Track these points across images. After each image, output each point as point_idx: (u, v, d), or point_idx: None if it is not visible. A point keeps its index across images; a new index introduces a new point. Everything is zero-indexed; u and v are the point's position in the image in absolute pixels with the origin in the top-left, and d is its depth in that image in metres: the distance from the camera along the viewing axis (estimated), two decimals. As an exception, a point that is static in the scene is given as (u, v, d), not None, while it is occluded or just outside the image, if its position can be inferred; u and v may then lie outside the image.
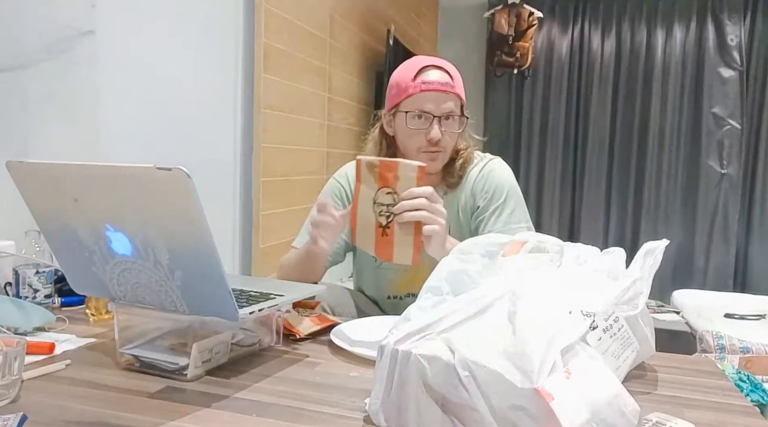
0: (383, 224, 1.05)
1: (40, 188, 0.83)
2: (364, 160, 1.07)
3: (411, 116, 1.25)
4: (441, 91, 1.24)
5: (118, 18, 1.52)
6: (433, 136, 1.24)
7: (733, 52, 3.84)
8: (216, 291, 0.76)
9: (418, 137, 1.26)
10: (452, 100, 1.25)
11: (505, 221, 1.29)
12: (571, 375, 0.60)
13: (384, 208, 1.05)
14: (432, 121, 1.24)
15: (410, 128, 1.25)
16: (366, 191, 1.07)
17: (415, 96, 1.24)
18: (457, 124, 1.28)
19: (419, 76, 1.25)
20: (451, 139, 1.28)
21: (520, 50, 3.88)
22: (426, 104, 1.24)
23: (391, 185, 1.04)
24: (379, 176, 1.05)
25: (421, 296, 0.75)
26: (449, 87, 1.25)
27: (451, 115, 1.26)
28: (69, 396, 0.76)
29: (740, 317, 2.67)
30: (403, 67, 1.30)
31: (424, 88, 1.23)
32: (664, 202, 4.02)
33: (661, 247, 0.85)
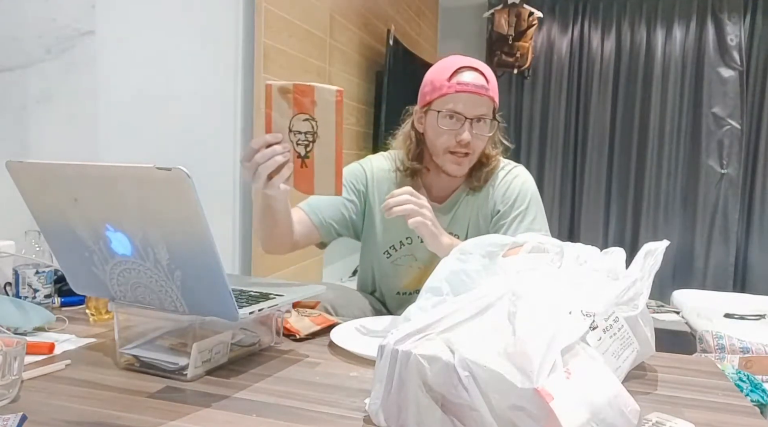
0: (302, 154, 0.98)
1: (40, 188, 0.83)
2: (275, 84, 0.97)
3: (442, 116, 1.24)
4: (475, 94, 1.23)
5: (118, 18, 1.52)
6: (464, 139, 1.23)
7: (733, 52, 3.84)
8: (216, 291, 0.76)
9: (448, 137, 1.25)
10: (485, 103, 1.25)
11: (527, 228, 1.29)
12: (571, 375, 0.60)
13: (302, 137, 0.97)
14: (463, 122, 1.24)
15: (441, 128, 1.25)
16: (279, 120, 0.97)
17: (449, 96, 1.24)
18: (487, 128, 1.27)
19: (455, 76, 1.24)
20: (480, 142, 1.27)
21: (520, 50, 3.88)
22: (458, 105, 1.23)
23: (308, 111, 0.96)
24: (294, 102, 0.96)
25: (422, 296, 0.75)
26: (484, 90, 1.23)
27: (483, 119, 1.25)
28: (69, 396, 0.76)
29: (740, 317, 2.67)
30: (440, 66, 1.28)
31: (458, 88, 1.23)
32: (664, 202, 4.03)
33: (662, 248, 0.85)
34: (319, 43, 2.45)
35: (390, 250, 1.38)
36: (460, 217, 1.36)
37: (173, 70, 1.71)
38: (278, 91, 0.96)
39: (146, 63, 1.61)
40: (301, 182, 0.99)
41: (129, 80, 1.57)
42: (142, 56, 1.60)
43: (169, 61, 1.69)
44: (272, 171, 0.97)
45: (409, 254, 1.37)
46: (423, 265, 1.36)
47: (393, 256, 1.38)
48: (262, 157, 0.96)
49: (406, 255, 1.37)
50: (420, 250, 1.34)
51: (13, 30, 1.29)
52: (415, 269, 1.38)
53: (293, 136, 0.97)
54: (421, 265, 1.37)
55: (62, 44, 1.39)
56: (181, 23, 1.73)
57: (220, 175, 1.95)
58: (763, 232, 3.93)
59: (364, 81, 2.99)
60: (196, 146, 1.81)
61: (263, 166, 0.96)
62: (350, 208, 1.36)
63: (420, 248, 1.34)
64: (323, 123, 0.96)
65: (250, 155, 0.97)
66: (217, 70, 1.91)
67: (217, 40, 1.91)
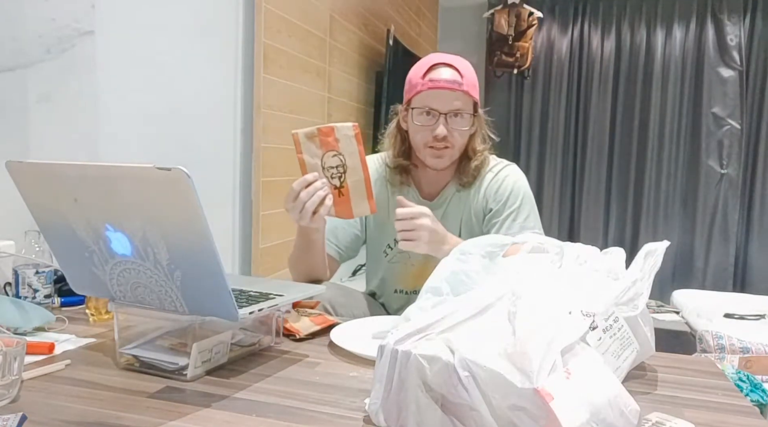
0: (337, 185, 1.13)
1: (40, 188, 0.83)
2: (301, 132, 1.12)
3: (418, 113, 1.28)
4: (447, 89, 1.26)
5: (118, 18, 1.52)
6: (438, 133, 1.26)
7: (733, 52, 3.85)
8: (216, 291, 0.76)
9: (425, 133, 1.29)
10: (460, 98, 1.27)
11: (520, 225, 1.31)
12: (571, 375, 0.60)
13: (334, 171, 1.12)
14: (438, 118, 1.26)
15: (417, 124, 1.29)
16: (311, 161, 1.12)
17: (423, 93, 1.27)
18: (466, 123, 1.29)
19: (428, 73, 1.27)
20: (459, 136, 1.30)
21: (519, 50, 3.88)
22: (432, 102, 1.26)
23: (334, 148, 1.11)
24: (321, 142, 1.11)
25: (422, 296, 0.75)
26: (457, 85, 1.26)
27: (459, 113, 1.27)
28: (69, 396, 0.76)
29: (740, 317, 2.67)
30: (417, 65, 1.32)
31: (431, 85, 1.26)
32: (664, 202, 4.03)
33: (662, 248, 0.85)
34: (318, 43, 2.45)
35: (387, 249, 1.41)
36: (451, 214, 1.37)
37: (173, 70, 1.71)
38: (305, 137, 1.12)
39: (146, 63, 1.61)
40: (341, 209, 1.14)
41: (129, 80, 1.57)
42: (142, 56, 1.60)
43: (169, 61, 1.69)
44: (317, 205, 1.10)
45: (403, 251, 1.38)
46: (417, 263, 1.38)
47: (389, 255, 1.41)
48: (306, 195, 1.09)
49: (401, 253, 1.39)
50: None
51: (13, 30, 1.29)
52: (410, 267, 1.39)
53: (326, 172, 1.13)
54: (415, 262, 1.38)
55: (62, 44, 1.39)
56: (181, 23, 1.73)
57: (220, 175, 1.95)
58: (763, 232, 3.93)
59: (364, 81, 2.99)
60: (196, 146, 1.81)
61: (309, 202, 1.09)
62: (357, 224, 1.42)
63: None
64: (348, 154, 1.11)
65: (295, 196, 1.10)
66: (217, 70, 1.91)
67: (217, 40, 1.91)
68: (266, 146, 2.05)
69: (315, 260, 1.31)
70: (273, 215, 2.11)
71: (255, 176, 2.01)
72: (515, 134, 4.22)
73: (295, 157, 1.13)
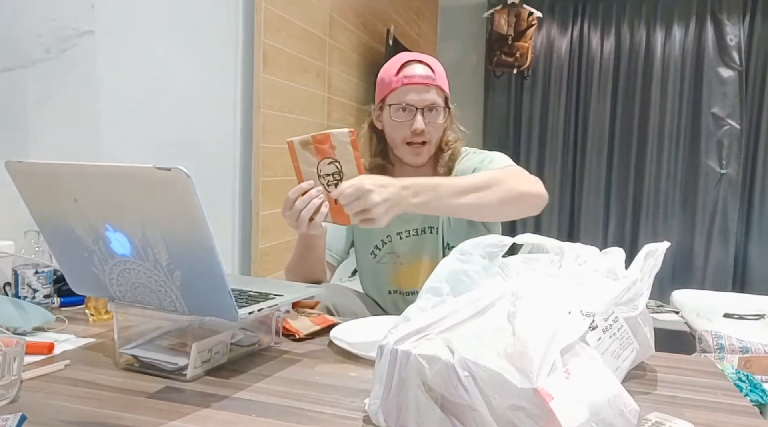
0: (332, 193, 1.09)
1: (40, 188, 0.83)
2: (296, 140, 1.09)
3: (395, 109, 1.30)
4: (422, 84, 1.28)
5: (118, 18, 1.52)
6: (417, 127, 1.28)
7: (732, 53, 3.85)
8: (215, 291, 0.76)
9: (403, 129, 1.31)
10: (434, 92, 1.30)
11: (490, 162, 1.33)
12: (571, 375, 0.60)
13: (330, 178, 1.10)
14: (415, 112, 1.29)
15: (395, 121, 1.31)
16: (307, 169, 1.10)
17: (398, 90, 1.29)
18: (440, 116, 1.32)
19: (402, 70, 1.30)
20: (435, 130, 1.32)
21: (519, 50, 3.88)
22: (408, 97, 1.29)
23: (330, 155, 1.08)
24: (316, 150, 1.09)
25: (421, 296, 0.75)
26: (430, 80, 1.29)
27: (434, 107, 1.30)
28: (68, 396, 0.76)
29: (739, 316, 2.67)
30: (388, 64, 1.35)
31: (406, 81, 1.29)
32: (664, 202, 4.03)
33: (662, 249, 0.85)
34: (318, 43, 2.45)
35: (375, 250, 1.41)
36: None
37: (172, 70, 1.71)
38: (300, 145, 1.09)
39: (146, 63, 1.61)
40: (338, 217, 1.09)
41: (128, 80, 1.56)
42: (141, 56, 1.60)
43: (168, 60, 1.69)
44: (312, 213, 1.08)
45: (390, 251, 1.40)
46: (407, 261, 1.39)
47: (378, 256, 1.41)
48: (301, 203, 1.07)
49: (388, 253, 1.40)
50: (400, 246, 1.38)
51: (12, 30, 1.29)
52: (399, 266, 1.40)
53: (323, 180, 1.10)
54: (404, 261, 1.39)
55: (62, 44, 1.39)
56: (180, 23, 1.73)
57: (220, 175, 1.95)
58: (763, 232, 3.93)
59: (363, 81, 2.99)
60: (196, 146, 1.81)
61: (305, 210, 1.07)
62: (348, 228, 1.43)
63: (399, 245, 1.38)
64: (344, 161, 1.08)
65: (290, 204, 1.08)
66: (217, 70, 1.91)
67: (217, 40, 1.91)
68: (266, 146, 2.05)
69: (315, 267, 1.32)
70: (273, 215, 2.11)
71: (254, 176, 2.01)
72: (515, 134, 4.22)
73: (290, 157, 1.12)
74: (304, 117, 2.34)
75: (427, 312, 0.70)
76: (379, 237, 1.39)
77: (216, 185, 1.93)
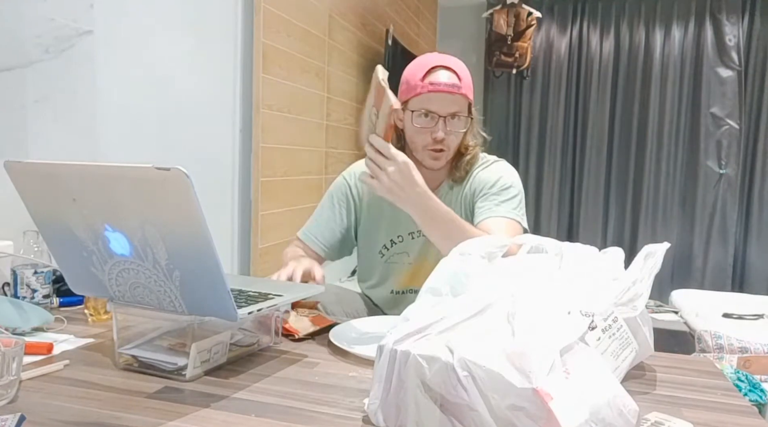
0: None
1: (39, 188, 0.83)
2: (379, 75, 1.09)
3: (417, 115, 1.28)
4: (447, 92, 1.26)
5: (117, 18, 1.52)
6: (438, 136, 1.27)
7: (732, 53, 3.85)
8: (215, 291, 0.76)
9: (424, 136, 1.29)
10: (458, 101, 1.27)
11: (498, 202, 1.30)
12: (570, 375, 0.60)
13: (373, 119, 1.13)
14: (438, 120, 1.27)
15: (416, 126, 1.29)
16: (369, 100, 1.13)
17: (423, 96, 1.27)
18: (462, 124, 1.30)
19: (428, 76, 1.27)
20: (456, 138, 1.31)
21: (518, 50, 3.88)
22: (432, 104, 1.26)
23: (377, 106, 1.10)
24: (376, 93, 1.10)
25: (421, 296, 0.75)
26: (456, 88, 1.26)
27: (457, 116, 1.28)
28: (67, 396, 0.76)
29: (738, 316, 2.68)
30: (414, 65, 1.32)
31: (431, 88, 1.26)
32: (663, 202, 4.03)
33: (662, 250, 0.85)
34: (317, 43, 2.45)
35: (383, 249, 1.40)
36: None
37: (172, 70, 1.71)
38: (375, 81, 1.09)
39: (145, 63, 1.61)
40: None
41: (127, 80, 1.56)
42: (140, 56, 1.60)
43: (167, 60, 1.69)
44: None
45: (401, 251, 1.39)
46: (414, 260, 1.38)
47: (386, 255, 1.40)
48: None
49: (398, 253, 1.39)
50: (411, 246, 1.37)
51: (11, 30, 1.29)
52: (407, 266, 1.39)
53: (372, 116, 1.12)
54: (412, 261, 1.38)
55: (61, 44, 1.39)
56: (179, 23, 1.73)
57: (219, 175, 1.95)
58: (762, 232, 3.93)
59: (363, 81, 2.99)
60: (195, 146, 1.81)
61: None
62: (343, 224, 1.42)
63: (411, 245, 1.37)
64: (380, 121, 1.09)
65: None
66: (216, 70, 1.91)
67: (216, 40, 1.90)
68: (265, 146, 2.05)
69: None
70: (272, 215, 2.11)
71: (254, 176, 2.01)
72: (514, 134, 4.22)
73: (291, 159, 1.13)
74: (303, 117, 2.34)
75: (426, 312, 0.70)
76: (389, 237, 1.38)
77: (215, 185, 1.93)
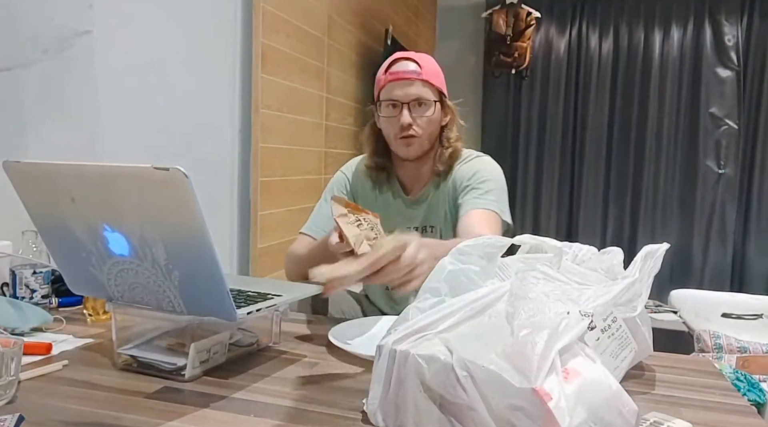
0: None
1: (37, 188, 0.83)
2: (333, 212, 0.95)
3: (384, 106, 1.32)
4: (406, 79, 1.30)
5: (116, 18, 1.52)
6: (403, 122, 1.29)
7: (731, 53, 3.85)
8: (214, 291, 0.76)
9: (392, 124, 1.32)
10: (418, 85, 1.30)
11: (477, 195, 1.29)
12: (569, 375, 0.60)
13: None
14: (401, 107, 1.30)
15: (384, 117, 1.33)
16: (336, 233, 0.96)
17: (386, 86, 1.32)
18: (429, 110, 1.31)
19: (390, 68, 1.32)
20: (425, 123, 1.32)
21: (518, 50, 3.88)
22: (393, 93, 1.30)
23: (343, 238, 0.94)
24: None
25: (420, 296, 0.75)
26: (415, 74, 1.30)
27: (421, 101, 1.30)
28: (66, 397, 0.76)
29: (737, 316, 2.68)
30: (383, 64, 1.36)
31: (391, 77, 1.31)
32: (662, 203, 4.03)
33: (662, 250, 0.85)
34: (317, 43, 2.45)
35: None
36: (434, 208, 1.38)
37: (170, 70, 1.71)
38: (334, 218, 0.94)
39: (144, 63, 1.61)
40: None
41: (126, 80, 1.56)
42: (139, 56, 1.60)
43: (166, 60, 1.69)
44: None
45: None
46: None
47: None
48: None
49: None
50: None
51: (10, 30, 1.29)
52: None
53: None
54: None
55: (60, 44, 1.39)
56: (178, 23, 1.73)
57: (218, 175, 1.95)
58: (761, 232, 3.94)
59: (362, 81, 2.99)
60: (195, 146, 1.81)
61: None
62: None
63: None
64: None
65: None
66: (215, 70, 1.91)
67: (215, 40, 1.90)
68: (264, 146, 2.04)
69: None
70: (271, 215, 2.10)
71: (253, 176, 2.01)
72: (513, 134, 4.22)
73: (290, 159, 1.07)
74: (302, 117, 2.34)
75: (425, 312, 0.70)
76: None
77: (214, 185, 1.93)
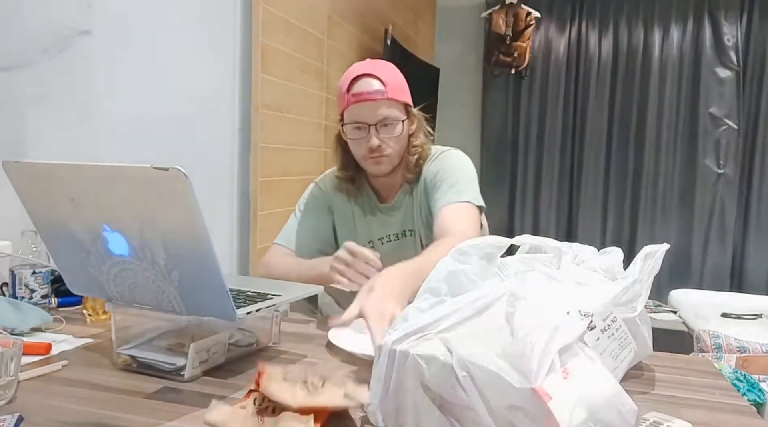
0: None
1: (37, 188, 0.83)
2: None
3: (350, 128, 1.28)
4: (371, 101, 1.24)
5: (115, 18, 1.52)
6: (371, 145, 1.26)
7: (730, 52, 3.85)
8: (213, 291, 0.76)
9: (361, 146, 1.28)
10: (384, 106, 1.25)
11: (446, 189, 1.28)
12: (569, 375, 0.60)
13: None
14: (369, 129, 1.26)
15: (351, 139, 1.29)
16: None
17: (350, 108, 1.26)
18: (396, 128, 1.28)
19: (351, 87, 1.26)
20: (395, 143, 1.29)
21: (517, 50, 3.88)
22: (359, 115, 1.26)
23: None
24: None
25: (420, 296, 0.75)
26: (379, 94, 1.24)
27: (388, 122, 1.26)
28: (66, 397, 0.76)
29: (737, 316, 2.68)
30: (344, 76, 1.30)
31: (354, 100, 1.25)
32: (661, 202, 4.03)
33: (661, 251, 0.85)
34: (316, 43, 2.45)
35: None
36: (410, 212, 1.37)
37: (170, 70, 1.71)
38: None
39: (143, 63, 1.61)
40: None
41: (126, 80, 1.56)
42: (139, 56, 1.60)
43: (165, 60, 1.69)
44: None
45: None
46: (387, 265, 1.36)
47: (370, 242, 1.39)
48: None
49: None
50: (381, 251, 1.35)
51: (9, 30, 1.29)
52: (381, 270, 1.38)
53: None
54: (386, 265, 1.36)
55: (59, 44, 1.39)
56: (178, 23, 1.73)
57: (217, 175, 1.95)
58: (760, 232, 3.94)
59: (362, 81, 2.99)
60: (194, 146, 1.81)
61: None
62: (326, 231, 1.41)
63: (381, 250, 1.35)
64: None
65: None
66: (215, 70, 1.91)
67: (215, 40, 1.90)
68: (264, 146, 2.04)
69: None
70: (270, 215, 2.10)
71: (253, 176, 2.01)
72: (513, 134, 4.22)
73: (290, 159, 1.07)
74: (302, 117, 2.34)
75: (425, 312, 0.70)
76: (362, 243, 1.38)
77: (214, 185, 1.93)
